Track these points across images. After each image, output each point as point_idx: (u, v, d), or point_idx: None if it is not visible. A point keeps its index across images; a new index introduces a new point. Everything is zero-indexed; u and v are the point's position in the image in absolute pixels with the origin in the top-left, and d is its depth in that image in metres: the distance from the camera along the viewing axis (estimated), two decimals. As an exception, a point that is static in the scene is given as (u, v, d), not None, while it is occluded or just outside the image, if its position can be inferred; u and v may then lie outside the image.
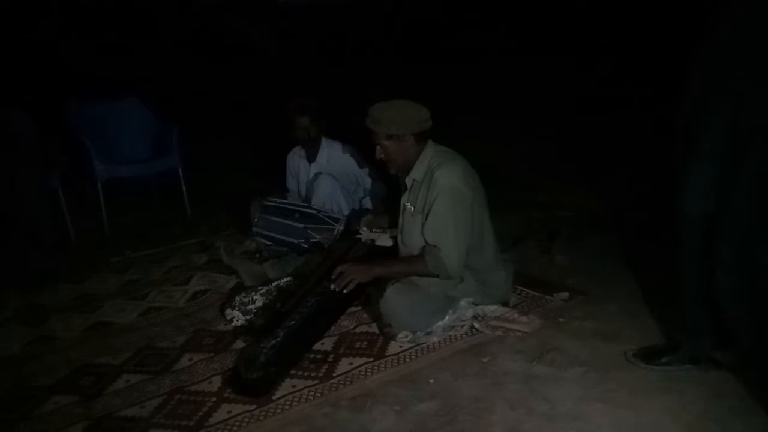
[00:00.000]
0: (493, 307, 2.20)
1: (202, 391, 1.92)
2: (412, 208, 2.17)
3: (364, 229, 2.49)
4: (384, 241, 2.43)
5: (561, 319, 2.20)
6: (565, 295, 2.34)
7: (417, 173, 2.15)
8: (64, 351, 2.24)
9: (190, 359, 2.12)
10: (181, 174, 3.69)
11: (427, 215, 2.09)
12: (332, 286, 2.11)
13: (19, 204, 3.07)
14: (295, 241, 2.87)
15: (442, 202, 2.05)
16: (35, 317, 2.54)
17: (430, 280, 2.13)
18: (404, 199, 2.22)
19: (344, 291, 2.11)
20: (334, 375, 1.95)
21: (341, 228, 2.83)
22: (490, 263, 2.21)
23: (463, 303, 2.16)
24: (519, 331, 2.11)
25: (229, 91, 5.70)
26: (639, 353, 1.88)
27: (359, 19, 6.41)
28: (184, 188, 3.72)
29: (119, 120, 3.84)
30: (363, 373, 1.96)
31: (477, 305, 2.19)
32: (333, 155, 3.08)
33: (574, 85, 5.39)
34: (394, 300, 2.09)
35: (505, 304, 2.25)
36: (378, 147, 2.16)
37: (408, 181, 2.19)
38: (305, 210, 2.93)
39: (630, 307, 2.22)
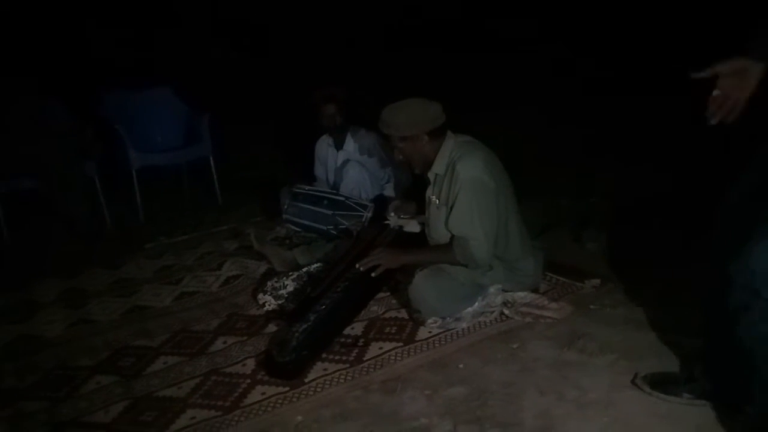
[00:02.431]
0: (522, 294, 2.20)
1: (237, 373, 1.97)
2: (437, 201, 2.18)
3: (392, 215, 2.50)
4: (412, 227, 2.44)
5: (592, 306, 2.19)
6: (597, 282, 2.33)
7: (438, 167, 2.16)
8: (104, 333, 2.33)
9: (224, 342, 2.18)
10: (212, 162, 3.77)
11: (452, 208, 2.10)
12: (358, 265, 2.14)
13: (58, 191, 3.18)
14: (324, 228, 2.91)
15: (465, 194, 2.06)
16: (76, 301, 2.64)
17: (458, 267, 2.14)
18: (429, 192, 2.24)
19: (372, 274, 2.13)
20: (365, 359, 1.98)
21: (369, 215, 2.86)
22: (518, 251, 2.21)
23: (492, 290, 2.17)
24: (549, 317, 2.11)
25: (260, 79, 5.74)
26: (649, 378, 1.72)
27: (390, 7, 6.35)
28: (215, 176, 3.79)
29: (152, 109, 3.92)
30: (393, 357, 1.98)
31: (506, 292, 2.20)
32: (360, 143, 3.09)
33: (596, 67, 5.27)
34: (423, 286, 2.10)
35: (535, 290, 2.25)
36: (395, 150, 2.18)
37: (431, 175, 2.20)
38: (334, 197, 2.96)
39: (662, 295, 2.19)
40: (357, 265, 2.16)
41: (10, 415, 1.86)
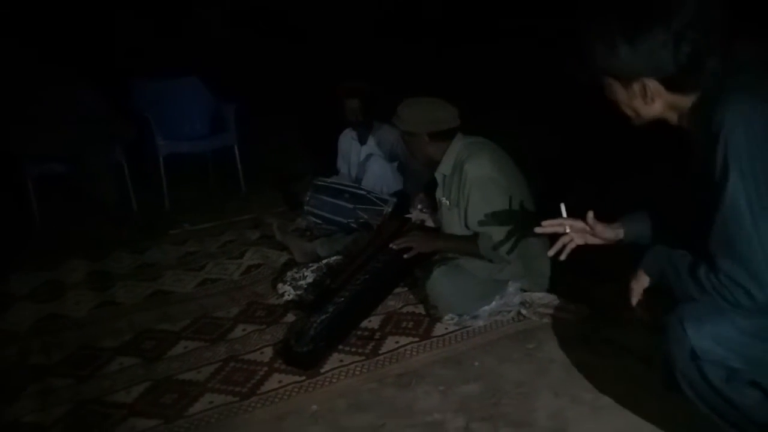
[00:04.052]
0: (540, 294, 2.19)
1: (255, 360, 2.01)
2: (447, 202, 2.19)
3: (419, 207, 2.51)
4: (434, 221, 2.45)
5: (610, 309, 2.17)
6: (616, 284, 2.30)
7: (445, 168, 2.19)
8: (128, 316, 2.39)
9: (244, 330, 2.22)
10: (236, 151, 3.81)
11: (466, 210, 2.11)
12: (392, 245, 2.18)
13: (88, 176, 3.27)
14: (345, 221, 2.93)
15: (477, 193, 2.07)
16: (102, 283, 2.71)
17: (476, 264, 2.14)
18: (438, 194, 2.25)
19: (404, 255, 2.16)
20: (381, 352, 2.00)
21: (389, 209, 2.87)
22: (535, 249, 2.20)
23: (511, 289, 2.17)
24: (566, 319, 2.10)
25: (287, 70, 5.78)
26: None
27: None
28: (239, 165, 3.84)
29: (180, 98, 3.97)
30: (409, 352, 2.00)
31: (524, 291, 2.19)
32: (383, 138, 3.10)
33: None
34: (441, 282, 2.11)
35: (553, 291, 2.24)
36: (404, 142, 2.24)
37: (438, 176, 2.22)
38: (355, 191, 2.98)
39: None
40: (391, 245, 2.19)
41: (37, 391, 1.93)
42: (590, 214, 1.46)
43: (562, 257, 1.49)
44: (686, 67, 1.14)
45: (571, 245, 1.48)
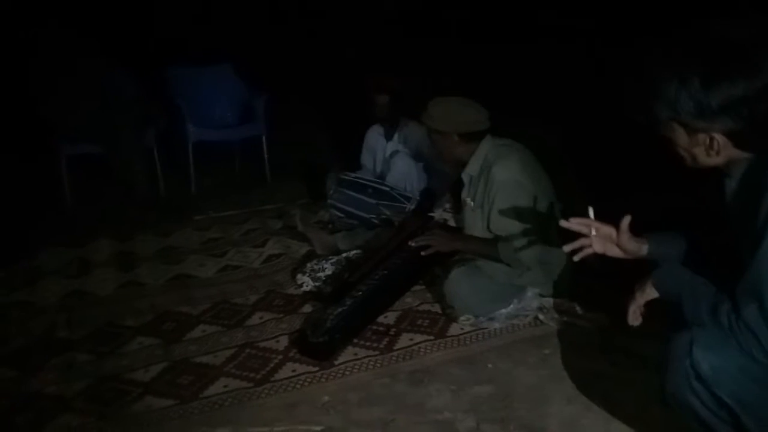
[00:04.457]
0: (559, 301, 2.17)
1: (270, 348, 2.04)
2: (472, 203, 2.18)
3: (446, 206, 2.51)
4: (456, 221, 2.44)
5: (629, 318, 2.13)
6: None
7: (472, 169, 2.18)
8: (150, 297, 2.45)
9: (261, 317, 2.25)
10: (264, 142, 3.85)
11: (489, 212, 2.10)
12: (411, 242, 2.18)
13: (120, 158, 3.34)
14: (366, 216, 2.94)
15: (503, 196, 2.05)
16: (127, 263, 2.77)
17: (495, 267, 2.13)
18: (464, 194, 2.24)
19: (422, 252, 2.16)
20: (395, 348, 2.01)
21: (412, 207, 2.87)
22: (557, 257, 2.17)
23: (529, 294, 2.15)
24: (584, 326, 2.07)
25: (319, 62, 5.80)
26: None
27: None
28: (266, 155, 3.88)
29: (212, 86, 4.03)
30: (423, 349, 2.00)
31: (543, 297, 2.17)
32: (410, 135, 3.10)
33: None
34: (459, 283, 2.11)
35: (572, 298, 2.21)
36: (431, 140, 2.23)
37: (465, 177, 2.21)
38: (379, 186, 2.99)
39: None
40: (410, 242, 2.19)
41: (60, 364, 1.99)
42: (627, 219, 1.41)
43: (576, 258, 1.46)
44: (760, 126, 1.11)
45: (589, 250, 1.45)
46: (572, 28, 5.14)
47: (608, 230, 1.44)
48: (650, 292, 1.39)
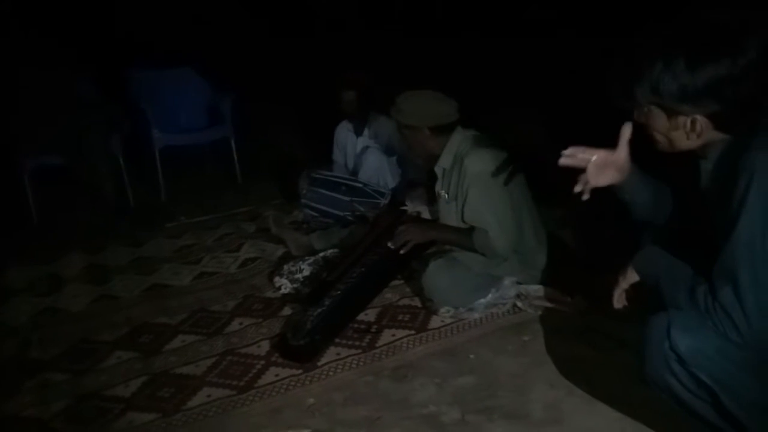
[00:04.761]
0: (536, 287, 2.20)
1: (252, 354, 2.02)
2: (446, 196, 2.19)
3: (416, 202, 2.50)
4: (430, 213, 2.45)
5: (606, 302, 2.17)
6: (612, 277, 2.30)
7: (445, 161, 2.18)
8: (125, 310, 2.40)
9: (241, 323, 2.23)
10: (233, 144, 3.80)
11: (463, 204, 2.11)
12: (390, 244, 2.17)
13: (84, 166, 3.25)
14: (341, 214, 2.93)
15: (477, 189, 2.06)
16: (99, 277, 2.71)
17: (472, 258, 2.15)
18: (438, 187, 2.25)
19: (401, 251, 2.16)
20: (377, 345, 2.01)
21: (386, 202, 2.87)
22: (531, 243, 2.21)
23: (506, 282, 2.17)
24: (563, 311, 2.11)
25: (285, 60, 5.73)
26: None
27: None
28: (235, 158, 3.83)
29: (176, 89, 3.96)
30: (405, 345, 2.01)
31: (520, 284, 2.20)
32: (380, 130, 3.09)
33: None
34: (436, 276, 2.12)
35: (549, 284, 2.24)
36: (401, 135, 2.22)
37: (438, 170, 2.21)
38: (352, 183, 2.98)
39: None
40: (388, 244, 2.18)
41: (36, 385, 1.94)
42: (627, 127, 1.35)
43: (586, 197, 1.41)
44: (743, 106, 1.11)
45: (589, 186, 1.40)
46: (547, 21, 5.17)
47: (604, 155, 1.40)
48: (631, 276, 1.42)
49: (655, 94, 1.17)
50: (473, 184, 2.06)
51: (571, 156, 1.40)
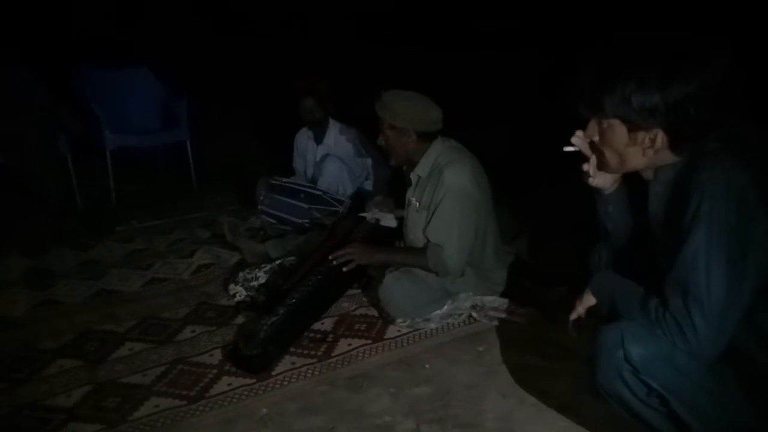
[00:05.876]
0: (491, 298, 2.23)
1: (204, 363, 1.97)
2: (417, 204, 2.18)
3: (375, 210, 2.51)
4: (388, 221, 2.45)
5: (558, 313, 2.23)
6: (564, 289, 2.37)
7: (422, 170, 2.15)
8: (69, 316, 2.29)
9: (192, 331, 2.17)
10: (188, 147, 3.72)
11: (432, 214, 2.10)
12: (331, 257, 2.15)
13: (30, 168, 3.11)
14: (299, 221, 2.91)
15: (449, 203, 2.05)
16: (41, 281, 2.59)
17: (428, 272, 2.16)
18: (409, 194, 2.23)
19: (343, 268, 2.14)
20: (333, 355, 2.00)
21: (345, 210, 2.87)
22: (492, 261, 2.24)
23: (462, 294, 2.20)
24: (516, 322, 2.15)
25: (243, 65, 5.66)
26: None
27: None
28: (191, 161, 3.75)
29: (129, 89, 3.85)
30: (361, 354, 2.00)
31: (476, 296, 2.23)
32: (339, 138, 3.09)
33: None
34: (393, 288, 2.11)
35: (504, 295, 2.29)
36: (380, 134, 2.16)
37: (413, 176, 2.20)
38: (311, 191, 2.96)
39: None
40: (330, 257, 2.17)
41: (-32, 396, 1.83)
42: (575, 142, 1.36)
43: (592, 180, 1.42)
44: (699, 126, 1.15)
45: (593, 176, 1.41)
46: (505, 31, 5.29)
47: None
48: (588, 299, 1.45)
49: (624, 106, 1.19)
50: (447, 196, 2.05)
51: (581, 139, 1.37)
